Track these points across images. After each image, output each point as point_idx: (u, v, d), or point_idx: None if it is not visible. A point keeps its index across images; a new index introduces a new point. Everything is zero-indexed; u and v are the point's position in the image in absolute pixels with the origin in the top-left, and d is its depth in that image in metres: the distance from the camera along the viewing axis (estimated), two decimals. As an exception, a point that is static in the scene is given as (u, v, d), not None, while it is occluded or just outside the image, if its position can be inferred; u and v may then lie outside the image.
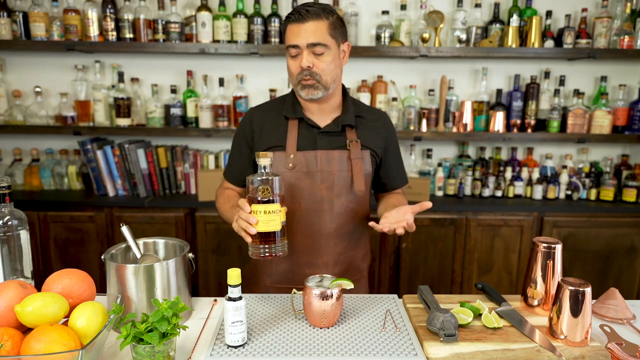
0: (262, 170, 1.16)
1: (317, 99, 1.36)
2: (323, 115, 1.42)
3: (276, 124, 1.42)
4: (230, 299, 1.01)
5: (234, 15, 2.51)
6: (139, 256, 1.23)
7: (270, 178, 1.14)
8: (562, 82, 2.69)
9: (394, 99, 2.66)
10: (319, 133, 1.40)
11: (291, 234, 1.38)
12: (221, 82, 2.63)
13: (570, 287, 1.03)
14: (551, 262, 1.18)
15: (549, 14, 2.62)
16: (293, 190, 1.38)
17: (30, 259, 1.17)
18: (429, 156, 2.78)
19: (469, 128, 2.64)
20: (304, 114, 1.41)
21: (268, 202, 1.13)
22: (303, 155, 1.37)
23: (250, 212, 1.14)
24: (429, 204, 1.24)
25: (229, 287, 1.01)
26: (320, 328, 1.12)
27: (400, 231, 1.23)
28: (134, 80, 2.62)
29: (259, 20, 2.50)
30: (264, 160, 1.16)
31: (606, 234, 2.51)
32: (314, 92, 1.34)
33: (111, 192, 2.56)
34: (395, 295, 1.30)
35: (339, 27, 1.35)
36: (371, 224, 1.26)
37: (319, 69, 1.31)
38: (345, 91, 1.47)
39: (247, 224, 1.13)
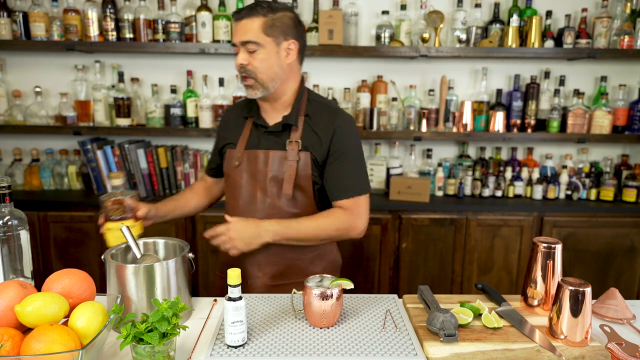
0: (114, 190, 1.22)
1: (262, 98, 1.40)
2: (274, 114, 1.43)
3: (238, 122, 1.48)
4: (230, 299, 1.01)
5: (234, 15, 2.51)
6: (139, 256, 1.23)
7: (121, 198, 1.21)
8: (562, 82, 2.69)
9: (394, 99, 2.66)
10: (265, 132, 1.41)
11: None
12: (221, 82, 2.63)
13: (570, 287, 1.03)
14: (551, 262, 1.18)
15: (549, 14, 2.62)
16: (235, 187, 1.43)
17: (30, 259, 1.17)
18: (429, 156, 2.78)
19: (469, 128, 2.64)
20: (257, 113, 1.44)
21: (121, 219, 1.21)
22: (247, 154, 1.40)
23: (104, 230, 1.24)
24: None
25: (229, 287, 1.01)
26: (320, 328, 1.12)
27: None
28: (134, 80, 2.62)
29: (259, 20, 2.50)
30: (116, 180, 1.22)
31: (606, 234, 2.51)
32: (253, 92, 1.36)
33: (111, 192, 2.56)
34: (395, 295, 1.30)
35: (283, 25, 1.32)
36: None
37: (252, 67, 1.32)
38: (302, 89, 1.43)
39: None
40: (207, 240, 1.35)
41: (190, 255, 1.22)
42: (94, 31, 2.48)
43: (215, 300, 1.27)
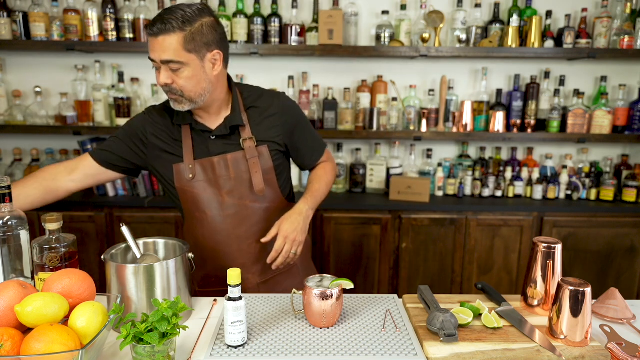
0: (50, 237, 1.10)
1: (192, 108, 1.31)
2: (212, 116, 1.37)
3: (170, 129, 1.38)
4: (230, 299, 1.01)
5: (234, 15, 2.51)
6: (139, 256, 1.23)
7: (57, 246, 1.09)
8: (562, 82, 2.69)
9: (394, 99, 2.66)
10: (211, 137, 1.36)
11: (205, 242, 1.39)
12: (221, 82, 2.63)
13: (570, 287, 1.03)
14: (551, 262, 1.18)
15: (549, 14, 2.62)
16: (197, 200, 1.36)
17: (30, 259, 1.17)
18: (429, 156, 2.78)
19: (469, 128, 2.64)
20: (193, 119, 1.36)
21: (56, 269, 1.08)
22: (200, 164, 1.34)
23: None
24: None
25: (229, 287, 1.01)
26: (320, 328, 1.12)
27: (288, 255, 1.32)
28: (134, 80, 2.62)
29: (259, 20, 2.50)
30: (51, 225, 1.09)
31: (606, 234, 2.51)
32: (180, 106, 1.29)
33: (111, 192, 2.56)
34: (395, 295, 1.30)
35: (202, 36, 1.22)
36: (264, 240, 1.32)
37: (178, 85, 1.25)
38: (231, 85, 1.39)
39: None
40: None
41: (190, 255, 1.22)
42: (94, 31, 2.48)
43: (215, 300, 1.28)
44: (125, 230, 1.22)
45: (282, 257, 1.31)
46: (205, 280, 1.45)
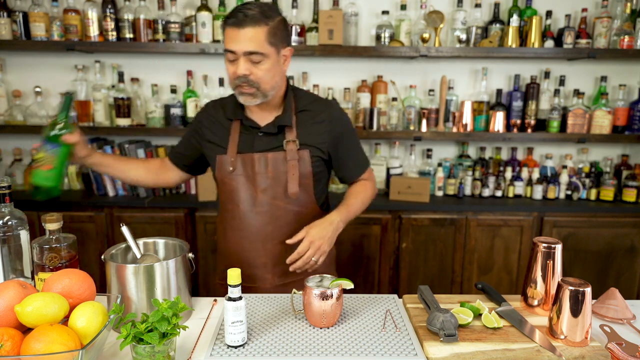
0: (50, 237, 1.10)
1: (260, 102, 1.35)
2: (264, 114, 1.41)
3: (222, 122, 1.44)
4: (230, 299, 1.01)
5: (234, 15, 2.50)
6: (139, 256, 1.23)
7: (57, 246, 1.10)
8: (562, 82, 2.69)
9: (394, 99, 2.66)
10: (258, 134, 1.39)
11: (231, 235, 1.42)
12: (221, 82, 2.63)
13: (570, 287, 1.03)
14: (551, 262, 1.18)
15: (549, 14, 2.62)
16: (232, 193, 1.39)
17: (30, 259, 1.17)
18: (429, 156, 2.78)
19: (469, 128, 2.64)
20: (244, 115, 1.40)
21: (56, 269, 1.09)
22: (241, 158, 1.37)
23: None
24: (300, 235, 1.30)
25: (229, 287, 1.01)
26: (320, 328, 1.12)
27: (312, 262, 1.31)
28: (134, 80, 2.62)
29: (259, 20, 2.50)
30: (52, 225, 1.10)
31: (606, 234, 2.51)
32: (252, 100, 1.32)
33: (111, 192, 2.56)
34: (395, 295, 1.30)
35: (280, 31, 1.30)
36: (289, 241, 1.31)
37: (256, 77, 1.28)
38: (288, 87, 1.44)
39: None
40: (207, 240, 1.36)
41: (190, 255, 1.22)
42: (94, 31, 2.48)
43: (215, 300, 1.28)
44: (125, 230, 1.22)
45: (303, 260, 1.30)
46: (226, 274, 1.45)
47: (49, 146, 1.29)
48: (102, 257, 1.16)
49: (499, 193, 2.67)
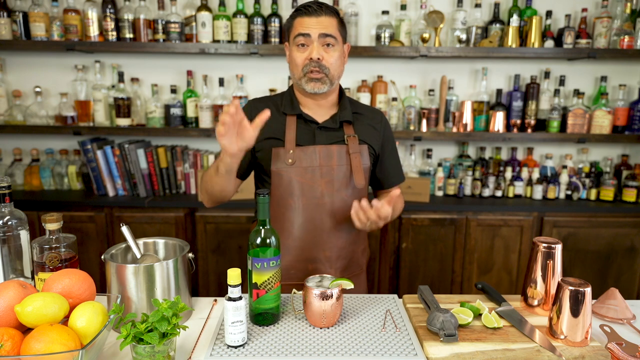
0: (50, 237, 1.10)
1: (310, 95, 1.39)
2: (320, 111, 1.44)
3: (274, 117, 1.42)
4: (230, 299, 1.01)
5: (234, 15, 2.51)
6: (139, 256, 1.23)
7: (57, 246, 1.08)
8: (562, 82, 2.69)
9: (394, 99, 2.66)
10: (318, 128, 1.41)
11: (292, 230, 1.39)
12: (221, 82, 2.63)
13: (570, 287, 1.03)
14: (551, 262, 1.18)
15: (549, 14, 2.62)
16: (293, 186, 1.37)
17: (30, 259, 1.17)
18: (429, 156, 2.78)
19: (469, 128, 2.64)
20: (301, 110, 1.42)
21: (55, 269, 1.08)
22: (302, 151, 1.37)
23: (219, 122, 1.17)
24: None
25: (229, 287, 1.01)
26: (320, 328, 1.12)
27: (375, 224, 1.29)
28: (134, 80, 2.62)
29: (259, 20, 2.50)
30: (52, 225, 1.09)
31: (606, 234, 2.51)
32: (320, 86, 1.36)
33: (111, 192, 2.56)
34: (395, 295, 1.30)
35: (343, 27, 1.40)
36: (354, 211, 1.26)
37: (328, 63, 1.34)
38: (342, 89, 1.50)
39: (224, 114, 1.17)
40: (207, 240, 1.34)
41: (190, 255, 1.22)
42: (94, 31, 2.48)
43: (215, 300, 1.28)
44: (125, 230, 1.22)
45: (364, 215, 1.26)
46: (285, 272, 1.42)
47: (263, 262, 1.09)
48: (102, 257, 1.16)
49: (499, 193, 2.67)
